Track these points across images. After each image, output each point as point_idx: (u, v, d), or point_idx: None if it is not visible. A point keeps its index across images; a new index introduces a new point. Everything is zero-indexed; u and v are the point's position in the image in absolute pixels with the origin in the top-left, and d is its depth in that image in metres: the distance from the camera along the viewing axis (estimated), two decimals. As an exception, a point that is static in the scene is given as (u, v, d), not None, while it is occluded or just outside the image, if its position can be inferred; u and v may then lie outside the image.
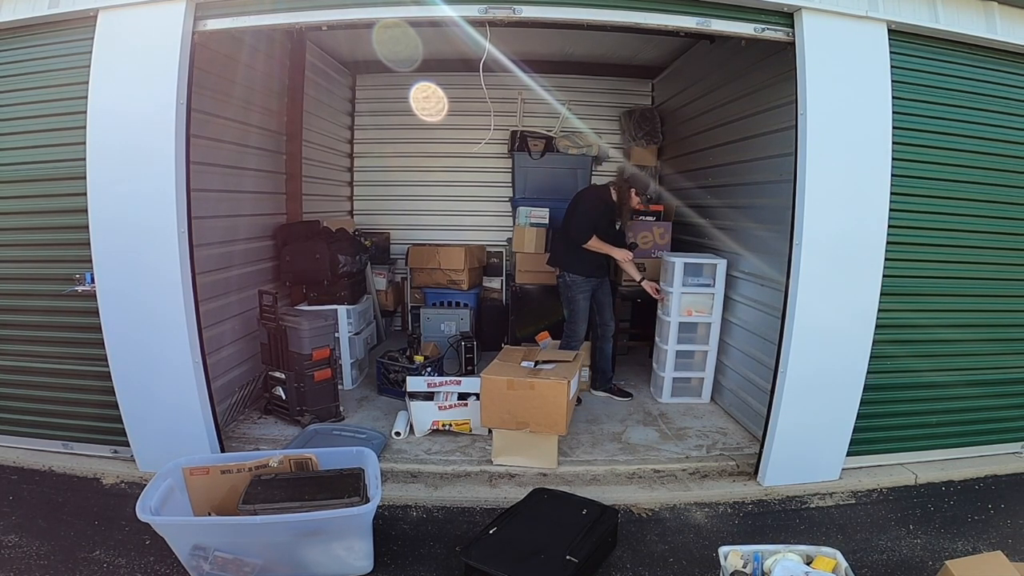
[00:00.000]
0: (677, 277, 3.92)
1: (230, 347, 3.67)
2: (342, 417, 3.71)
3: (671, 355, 4.07)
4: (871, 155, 2.77)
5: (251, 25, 2.77)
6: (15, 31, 2.90)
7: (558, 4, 2.71)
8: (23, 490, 2.92)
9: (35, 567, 2.33)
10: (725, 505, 2.94)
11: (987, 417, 3.31)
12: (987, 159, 3.02)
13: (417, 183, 5.89)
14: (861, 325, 2.89)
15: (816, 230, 2.76)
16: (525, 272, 4.97)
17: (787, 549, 2.14)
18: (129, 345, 2.87)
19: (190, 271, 2.81)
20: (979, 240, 3.08)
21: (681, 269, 3.91)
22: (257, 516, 2.19)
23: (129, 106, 2.69)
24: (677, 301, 3.97)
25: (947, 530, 2.73)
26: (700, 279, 3.97)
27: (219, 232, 3.51)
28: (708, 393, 4.17)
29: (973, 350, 3.20)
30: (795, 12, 2.72)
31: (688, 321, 4.03)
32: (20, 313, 3.10)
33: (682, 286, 3.94)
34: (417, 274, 5.37)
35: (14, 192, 2.99)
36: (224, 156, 3.57)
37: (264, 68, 4.05)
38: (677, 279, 3.92)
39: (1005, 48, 2.93)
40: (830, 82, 2.71)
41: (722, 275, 3.93)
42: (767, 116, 3.48)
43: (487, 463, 3.18)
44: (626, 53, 5.28)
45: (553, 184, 5.41)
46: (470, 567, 2.27)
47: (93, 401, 3.07)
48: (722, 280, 3.94)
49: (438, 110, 5.31)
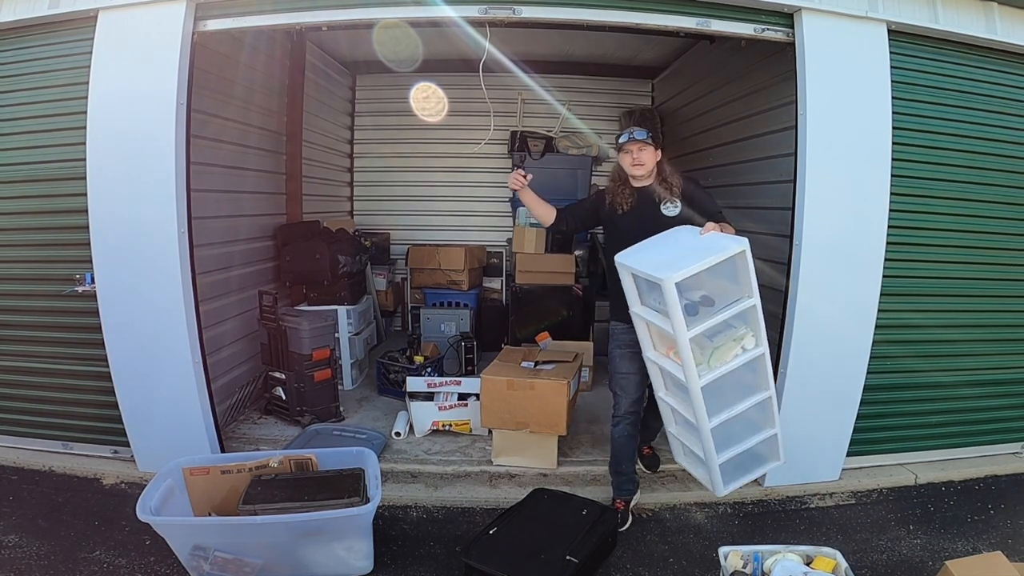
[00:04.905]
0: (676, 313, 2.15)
1: (230, 347, 3.67)
2: (342, 417, 3.71)
3: (707, 436, 2.33)
4: (871, 155, 2.77)
5: (251, 25, 2.77)
6: (15, 31, 2.90)
7: (558, 4, 2.71)
8: (23, 490, 2.92)
9: (35, 567, 2.33)
10: (725, 505, 2.94)
11: (987, 417, 3.31)
12: (987, 159, 3.02)
13: (417, 183, 5.89)
14: (861, 325, 2.89)
15: (816, 230, 2.76)
16: (525, 272, 4.97)
17: (787, 549, 2.13)
18: (129, 345, 2.87)
19: (190, 271, 2.81)
20: (979, 240, 3.08)
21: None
22: (257, 516, 2.19)
23: (129, 106, 2.69)
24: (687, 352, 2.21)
25: (947, 530, 2.73)
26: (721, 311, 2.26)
27: (219, 232, 3.51)
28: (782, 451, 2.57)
29: (973, 350, 3.20)
30: (795, 12, 2.73)
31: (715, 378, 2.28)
32: (20, 313, 3.10)
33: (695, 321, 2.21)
34: (417, 274, 5.36)
35: (14, 192, 2.99)
36: (224, 156, 3.57)
37: (264, 68, 4.06)
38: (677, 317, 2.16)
39: (1005, 48, 2.93)
40: (830, 82, 2.71)
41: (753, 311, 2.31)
42: (767, 116, 3.48)
43: (487, 463, 3.18)
44: (626, 53, 5.28)
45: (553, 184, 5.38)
46: (470, 567, 2.27)
47: (93, 401, 3.07)
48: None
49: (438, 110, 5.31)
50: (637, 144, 2.55)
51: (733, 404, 2.36)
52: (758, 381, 2.39)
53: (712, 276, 2.21)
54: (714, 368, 2.24)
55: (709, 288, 2.25)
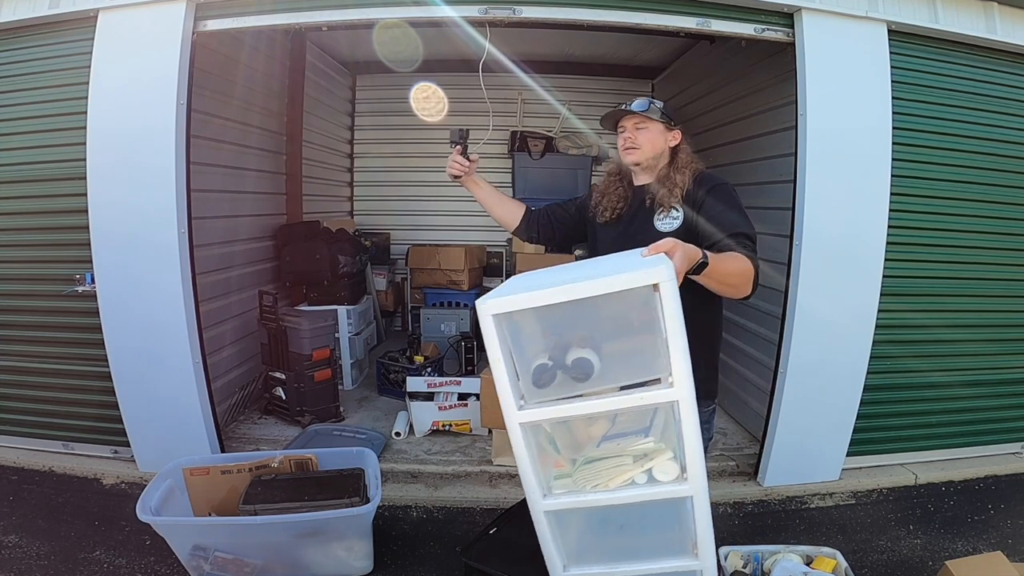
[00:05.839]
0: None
1: (230, 347, 3.66)
2: (342, 417, 3.71)
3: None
4: (871, 155, 2.77)
5: (251, 26, 2.77)
6: (15, 31, 2.89)
7: (558, 4, 2.71)
8: (23, 490, 2.92)
9: (35, 567, 2.33)
10: (725, 505, 2.94)
11: (987, 417, 3.30)
12: (987, 159, 3.02)
13: (417, 183, 5.88)
14: (861, 325, 2.89)
15: (816, 230, 2.76)
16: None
17: (787, 549, 2.14)
18: (129, 345, 2.87)
19: (190, 271, 2.81)
20: (979, 240, 3.08)
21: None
22: (257, 516, 2.19)
23: (129, 106, 2.69)
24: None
25: (947, 530, 2.73)
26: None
27: (219, 232, 3.51)
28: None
29: (973, 350, 3.20)
30: (795, 12, 2.73)
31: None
32: (20, 313, 3.10)
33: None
34: (417, 274, 5.36)
35: (15, 192, 2.99)
36: (224, 156, 3.57)
37: (264, 68, 4.05)
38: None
39: (1005, 48, 2.93)
40: (830, 82, 2.71)
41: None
42: (767, 116, 3.47)
43: (487, 463, 3.18)
44: (626, 53, 5.28)
45: (553, 184, 5.40)
46: (470, 567, 2.26)
47: (93, 401, 3.07)
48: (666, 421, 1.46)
49: (438, 110, 5.31)
50: (633, 119, 1.81)
51: (615, 559, 1.37)
52: (682, 540, 1.33)
53: (619, 330, 1.26)
54: (580, 489, 1.31)
55: (615, 349, 1.26)
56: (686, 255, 1.28)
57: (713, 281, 1.44)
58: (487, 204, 2.04)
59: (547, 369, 1.26)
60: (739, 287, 1.53)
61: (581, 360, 1.24)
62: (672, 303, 1.13)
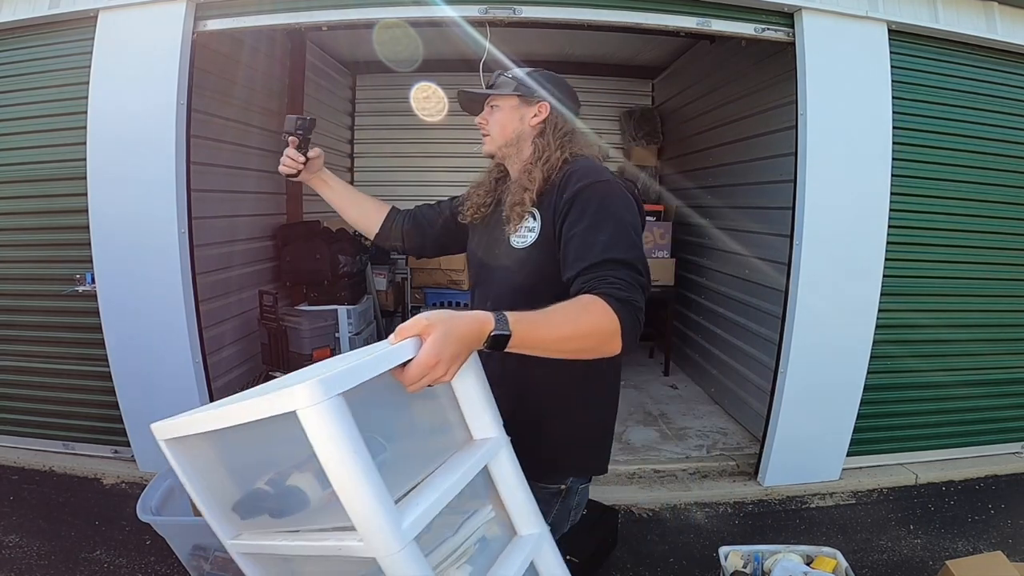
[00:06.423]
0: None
1: (230, 347, 3.67)
2: (342, 417, 3.71)
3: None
4: (871, 155, 2.77)
5: (251, 26, 2.77)
6: (15, 31, 2.89)
7: (558, 4, 2.71)
8: (24, 490, 2.92)
9: (36, 567, 2.33)
10: (725, 505, 2.95)
11: (987, 417, 3.31)
12: (987, 159, 3.02)
13: (417, 183, 5.88)
14: (861, 325, 2.89)
15: (816, 230, 2.76)
16: (525, 272, 4.97)
17: (787, 549, 2.13)
18: (130, 345, 2.87)
19: (190, 271, 2.81)
20: (979, 240, 3.08)
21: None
22: (257, 516, 2.19)
23: (130, 106, 2.69)
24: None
25: (947, 530, 2.73)
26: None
27: (219, 232, 3.51)
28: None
29: (973, 350, 3.20)
30: (795, 12, 2.72)
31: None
32: (21, 313, 3.10)
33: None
34: (417, 274, 5.36)
35: (14, 192, 2.99)
36: (224, 156, 3.57)
37: (264, 68, 4.06)
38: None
39: (1005, 48, 2.93)
40: (830, 82, 2.71)
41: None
42: (767, 116, 3.47)
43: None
44: (626, 53, 5.28)
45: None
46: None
47: (94, 401, 3.07)
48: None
49: (438, 110, 5.31)
50: (490, 99, 1.42)
51: None
52: None
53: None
54: None
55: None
56: (458, 336, 0.86)
57: (538, 351, 0.98)
58: (338, 206, 1.63)
59: (263, 496, 0.98)
60: (588, 351, 1.02)
61: (291, 488, 0.93)
62: (326, 435, 0.73)
